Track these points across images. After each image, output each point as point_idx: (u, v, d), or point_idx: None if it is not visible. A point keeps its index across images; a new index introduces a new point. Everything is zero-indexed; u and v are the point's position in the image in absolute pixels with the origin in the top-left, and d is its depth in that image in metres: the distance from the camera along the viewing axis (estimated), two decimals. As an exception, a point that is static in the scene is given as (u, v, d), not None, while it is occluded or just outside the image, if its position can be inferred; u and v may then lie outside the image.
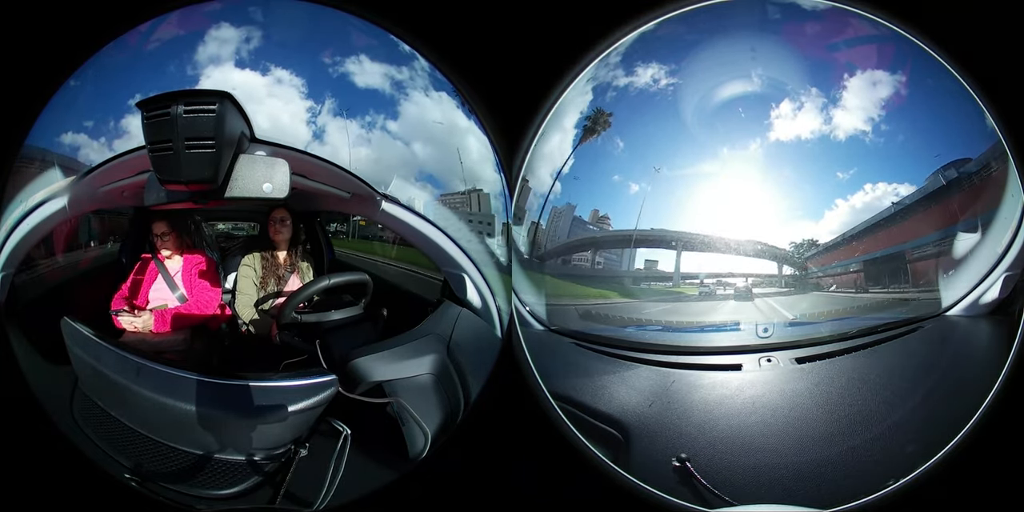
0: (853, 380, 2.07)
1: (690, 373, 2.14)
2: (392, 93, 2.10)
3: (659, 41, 2.16)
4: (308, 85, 2.01)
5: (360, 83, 2.07)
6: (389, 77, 2.09)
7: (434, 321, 2.22)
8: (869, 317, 2.17)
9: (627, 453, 2.05)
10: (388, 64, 2.09)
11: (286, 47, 2.05)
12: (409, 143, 2.12)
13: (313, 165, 2.02)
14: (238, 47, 1.99)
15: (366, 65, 2.07)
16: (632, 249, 2.25)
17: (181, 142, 1.69)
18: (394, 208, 2.16)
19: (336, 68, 2.05)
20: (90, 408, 2.03)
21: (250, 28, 2.02)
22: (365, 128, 2.07)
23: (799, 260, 2.14)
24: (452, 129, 2.17)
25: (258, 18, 2.06)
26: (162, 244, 2.30)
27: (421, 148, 2.15)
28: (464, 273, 2.19)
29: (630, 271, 2.26)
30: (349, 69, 2.06)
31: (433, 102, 2.13)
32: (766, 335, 2.18)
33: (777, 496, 1.90)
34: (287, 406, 1.92)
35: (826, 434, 1.97)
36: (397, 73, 2.10)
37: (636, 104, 2.17)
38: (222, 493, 1.97)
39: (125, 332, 2.22)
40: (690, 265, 2.23)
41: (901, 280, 2.17)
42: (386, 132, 2.09)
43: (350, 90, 2.06)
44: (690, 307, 2.25)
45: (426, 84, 2.12)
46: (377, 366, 2.05)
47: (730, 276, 2.23)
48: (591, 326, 2.28)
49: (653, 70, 2.15)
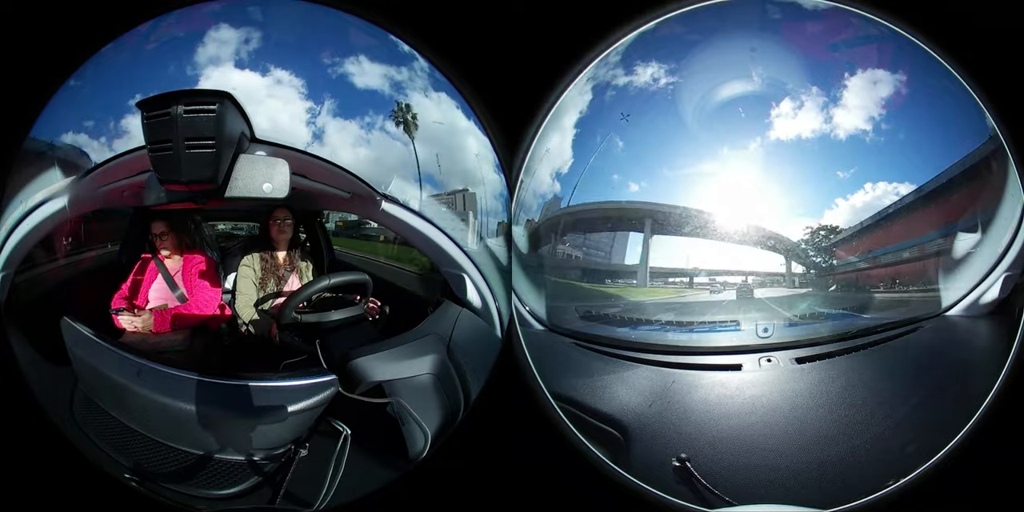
0: (853, 380, 2.07)
1: (690, 373, 2.14)
2: (392, 93, 2.10)
3: (659, 41, 2.16)
4: (308, 85, 2.01)
5: (360, 84, 2.07)
6: (388, 77, 2.09)
7: (434, 321, 2.22)
8: (869, 317, 2.17)
9: (627, 453, 2.04)
10: (388, 64, 2.09)
11: (286, 47, 2.05)
12: (408, 143, 2.12)
13: (313, 165, 2.02)
14: (237, 48, 1.99)
15: (365, 66, 2.07)
16: (630, 248, 2.25)
17: (181, 142, 1.69)
18: (394, 208, 2.16)
19: (335, 69, 2.05)
20: (90, 408, 2.03)
21: (249, 28, 2.02)
22: (364, 129, 2.07)
23: (801, 258, 2.14)
24: (452, 129, 2.17)
25: (257, 18, 2.06)
26: (161, 244, 2.31)
27: (421, 148, 2.15)
28: (464, 273, 2.19)
29: (630, 270, 2.26)
30: (349, 70, 2.06)
31: (432, 102, 2.13)
32: (766, 335, 2.18)
33: (777, 496, 1.90)
34: (287, 406, 1.92)
35: (826, 434, 1.97)
36: (396, 74, 2.10)
37: (636, 103, 2.17)
38: (222, 493, 1.97)
39: (125, 332, 2.22)
40: (690, 263, 2.23)
41: (901, 280, 2.16)
42: (385, 133, 2.09)
43: (349, 90, 2.06)
44: (690, 307, 2.25)
45: (425, 84, 2.12)
46: (377, 366, 2.05)
47: (729, 275, 2.23)
48: (591, 326, 2.28)
49: (653, 69, 2.15)
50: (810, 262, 2.14)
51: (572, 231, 2.27)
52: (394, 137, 2.10)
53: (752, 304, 2.20)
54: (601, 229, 2.26)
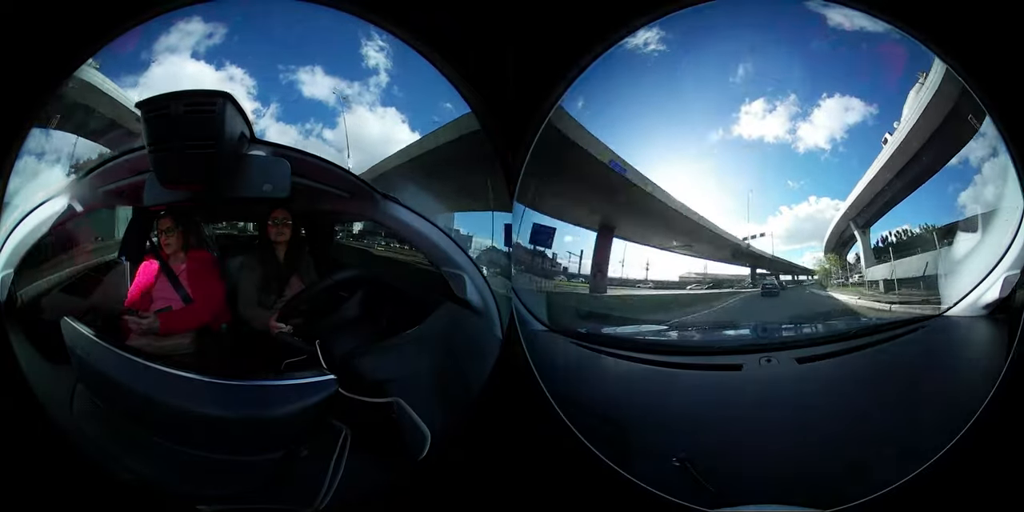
0: (853, 380, 2.07)
1: (690, 373, 2.14)
2: (391, 93, 2.10)
3: (658, 41, 2.16)
4: (307, 85, 2.01)
5: (359, 83, 2.07)
6: (388, 76, 2.10)
7: (434, 321, 2.22)
8: (869, 317, 2.17)
9: (627, 453, 2.04)
10: (387, 64, 2.09)
11: (285, 46, 2.05)
12: (408, 143, 2.13)
13: (313, 165, 2.02)
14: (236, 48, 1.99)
15: (365, 65, 2.08)
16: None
17: (181, 142, 1.69)
18: (394, 208, 2.16)
19: (335, 68, 2.05)
20: (90, 408, 2.03)
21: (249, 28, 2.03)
22: (364, 128, 2.07)
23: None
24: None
25: (257, 18, 2.06)
26: (167, 241, 2.29)
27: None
28: (464, 273, 2.19)
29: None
30: (348, 69, 2.06)
31: (432, 102, 2.13)
32: (766, 335, 2.18)
33: (777, 496, 1.90)
34: (287, 406, 1.92)
35: (826, 434, 1.97)
36: (396, 73, 2.10)
37: (629, 103, 2.18)
38: (222, 493, 1.97)
39: (131, 335, 2.20)
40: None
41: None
42: (385, 133, 2.10)
43: (349, 90, 2.06)
44: (690, 306, 2.25)
45: (425, 85, 2.12)
46: (377, 366, 2.05)
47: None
48: (591, 326, 2.28)
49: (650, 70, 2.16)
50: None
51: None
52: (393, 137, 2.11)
53: (753, 304, 2.21)
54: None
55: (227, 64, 1.95)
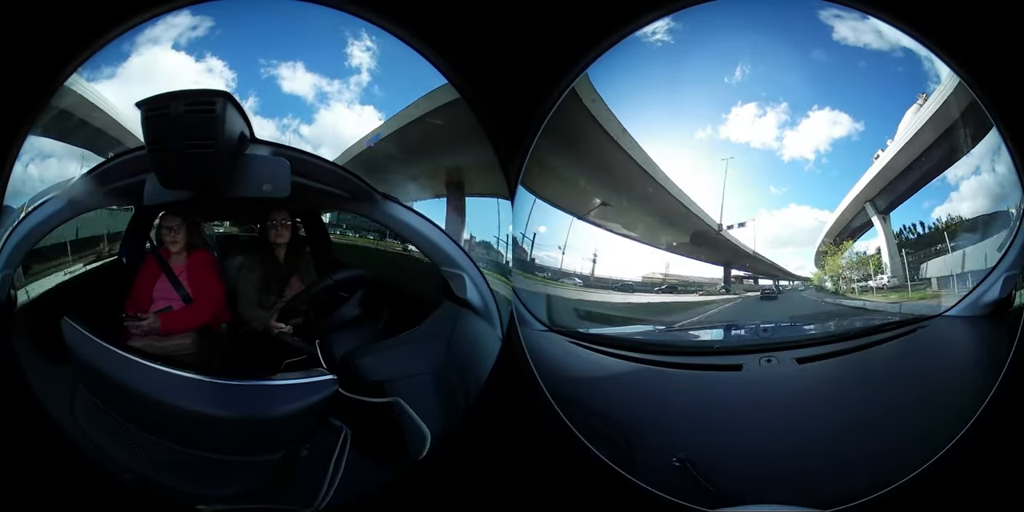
0: (854, 380, 2.07)
1: (690, 373, 2.14)
2: (391, 93, 2.10)
3: (655, 43, 2.17)
4: (306, 85, 2.01)
5: (359, 83, 2.07)
6: (388, 76, 2.09)
7: (434, 321, 2.22)
8: (869, 317, 2.17)
9: (627, 453, 2.04)
10: (387, 64, 2.09)
11: (284, 45, 2.04)
12: (408, 143, 2.13)
13: (313, 165, 2.02)
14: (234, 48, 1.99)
15: (364, 64, 2.07)
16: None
17: (181, 142, 1.68)
18: (393, 208, 2.16)
19: (335, 68, 2.05)
20: (90, 408, 2.03)
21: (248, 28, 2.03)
22: (363, 128, 2.07)
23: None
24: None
25: (257, 18, 2.06)
26: (171, 238, 2.28)
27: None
28: (464, 273, 2.19)
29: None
30: (348, 69, 2.06)
31: (432, 102, 2.13)
32: (766, 335, 2.18)
33: (777, 496, 1.90)
34: (287, 406, 1.92)
35: (826, 434, 1.97)
36: (396, 73, 2.10)
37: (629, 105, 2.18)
38: (222, 493, 1.97)
39: (132, 336, 2.20)
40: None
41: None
42: (384, 132, 2.09)
43: (348, 90, 2.06)
44: (690, 307, 2.25)
45: (425, 84, 2.12)
46: (377, 366, 2.05)
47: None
48: (591, 326, 2.28)
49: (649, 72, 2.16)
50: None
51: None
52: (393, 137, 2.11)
53: (752, 305, 2.21)
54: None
55: (227, 64, 1.96)
